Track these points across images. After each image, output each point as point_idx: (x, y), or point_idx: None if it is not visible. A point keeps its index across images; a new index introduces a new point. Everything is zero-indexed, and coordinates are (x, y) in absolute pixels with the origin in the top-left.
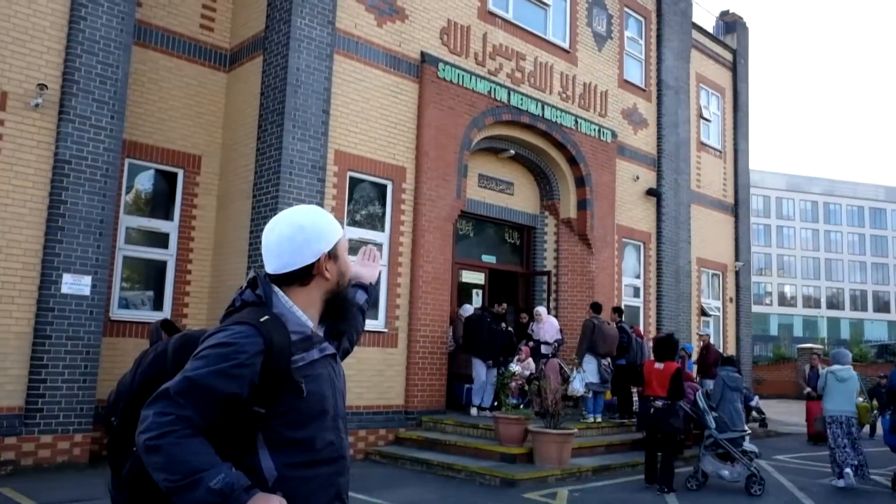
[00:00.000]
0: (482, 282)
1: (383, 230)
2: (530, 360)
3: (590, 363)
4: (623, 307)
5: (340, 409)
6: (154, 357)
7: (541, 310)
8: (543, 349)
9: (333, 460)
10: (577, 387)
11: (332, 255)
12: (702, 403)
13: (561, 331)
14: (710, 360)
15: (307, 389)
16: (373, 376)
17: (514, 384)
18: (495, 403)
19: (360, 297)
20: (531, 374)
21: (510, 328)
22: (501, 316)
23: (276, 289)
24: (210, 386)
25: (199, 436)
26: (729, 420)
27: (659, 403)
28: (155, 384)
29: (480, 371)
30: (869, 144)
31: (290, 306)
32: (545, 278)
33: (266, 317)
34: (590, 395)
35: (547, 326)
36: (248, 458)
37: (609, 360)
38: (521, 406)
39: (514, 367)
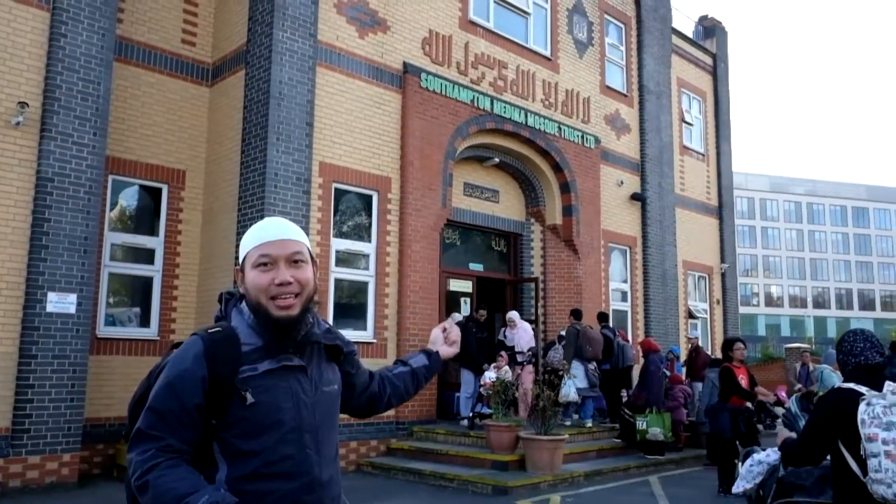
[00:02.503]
0: (470, 290)
1: (370, 241)
2: (506, 367)
3: (577, 368)
4: (609, 312)
5: (307, 424)
6: (149, 373)
7: (514, 315)
8: (518, 358)
9: (293, 476)
10: (567, 392)
11: (242, 267)
12: (794, 408)
13: (535, 338)
14: (700, 362)
15: (255, 399)
16: None
17: (487, 391)
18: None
19: (418, 360)
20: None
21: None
22: (485, 323)
23: (243, 305)
24: (171, 407)
25: (183, 463)
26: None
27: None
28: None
29: (469, 380)
30: (850, 144)
31: (249, 319)
32: (532, 285)
33: (217, 328)
34: (578, 400)
35: (520, 332)
36: (210, 472)
37: (595, 364)
38: (494, 415)
39: (491, 374)
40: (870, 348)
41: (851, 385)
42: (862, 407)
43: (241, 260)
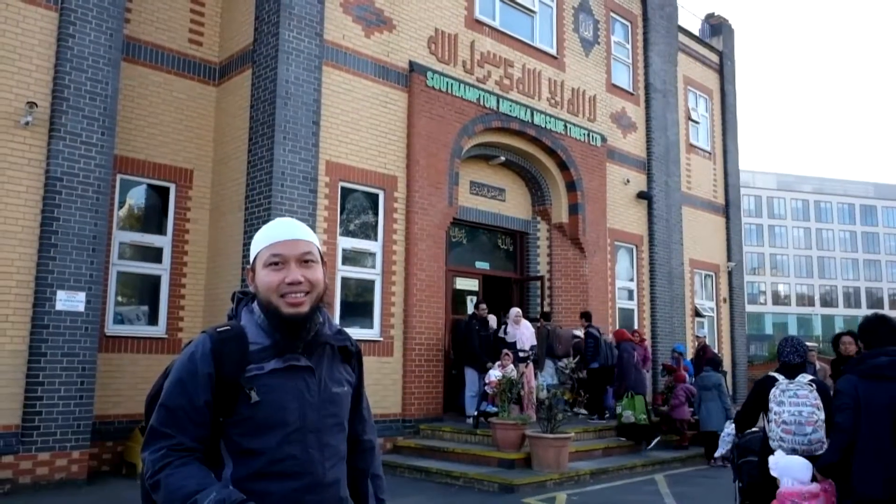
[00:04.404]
0: (476, 288)
1: (376, 239)
2: (511, 366)
3: (549, 366)
4: (616, 310)
5: (312, 424)
6: (165, 370)
7: (516, 311)
8: (521, 356)
9: (296, 475)
10: (543, 385)
11: (253, 266)
12: None
13: (537, 336)
14: (705, 361)
15: (260, 398)
16: (369, 385)
17: (492, 390)
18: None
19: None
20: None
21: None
22: (487, 320)
23: (254, 304)
24: (181, 404)
25: (194, 461)
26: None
27: None
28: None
29: (472, 378)
30: (858, 142)
31: (258, 318)
32: (539, 283)
33: (226, 327)
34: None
35: (523, 328)
36: (217, 470)
37: (565, 361)
38: (500, 413)
39: (496, 372)
40: (793, 352)
41: (775, 374)
42: (773, 389)
43: (252, 259)
